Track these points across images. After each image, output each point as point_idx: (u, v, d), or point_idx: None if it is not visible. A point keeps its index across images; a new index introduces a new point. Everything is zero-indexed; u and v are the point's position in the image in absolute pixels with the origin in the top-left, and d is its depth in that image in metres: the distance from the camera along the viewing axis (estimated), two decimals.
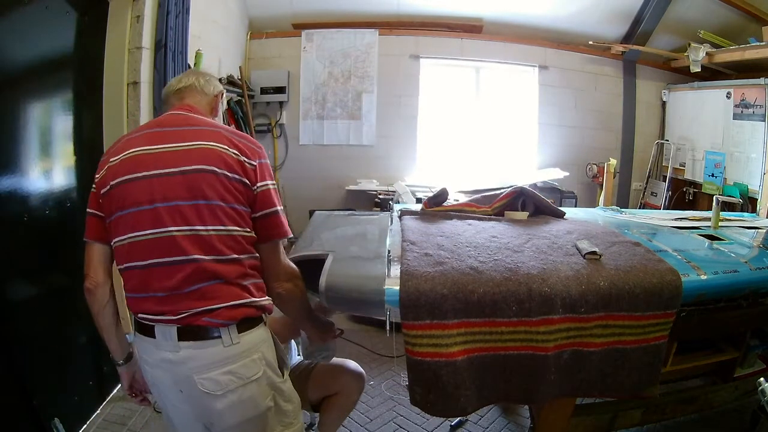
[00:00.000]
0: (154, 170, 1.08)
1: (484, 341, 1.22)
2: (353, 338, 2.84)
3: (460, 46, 4.33)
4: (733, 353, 1.72)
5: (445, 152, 4.50)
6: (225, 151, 1.10)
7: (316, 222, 1.87)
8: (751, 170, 3.57)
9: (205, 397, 1.06)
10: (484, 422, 2.17)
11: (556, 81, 4.43)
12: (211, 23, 3.32)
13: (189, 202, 1.06)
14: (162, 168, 1.07)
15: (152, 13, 2.29)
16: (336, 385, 1.76)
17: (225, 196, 1.08)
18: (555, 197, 3.81)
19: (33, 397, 1.78)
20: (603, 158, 4.24)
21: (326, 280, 1.27)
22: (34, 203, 1.87)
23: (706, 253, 1.65)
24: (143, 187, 1.07)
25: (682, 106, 4.39)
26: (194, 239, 1.05)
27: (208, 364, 1.05)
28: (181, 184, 1.06)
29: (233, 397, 1.07)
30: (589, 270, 1.30)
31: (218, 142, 1.11)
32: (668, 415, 1.67)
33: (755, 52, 3.46)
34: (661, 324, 1.30)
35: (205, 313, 1.04)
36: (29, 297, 1.89)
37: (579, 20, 4.23)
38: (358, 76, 4.28)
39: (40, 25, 1.85)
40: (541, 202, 1.94)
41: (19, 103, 1.81)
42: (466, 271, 1.26)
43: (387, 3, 4.15)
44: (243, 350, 1.08)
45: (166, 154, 1.09)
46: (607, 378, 1.30)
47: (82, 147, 2.17)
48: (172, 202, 1.06)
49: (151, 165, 1.08)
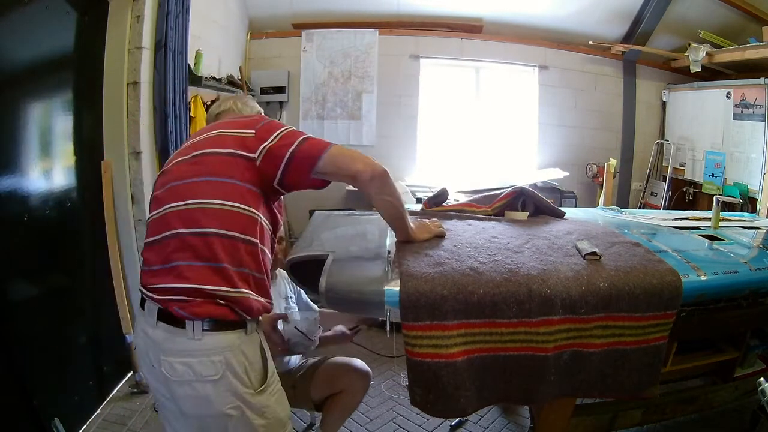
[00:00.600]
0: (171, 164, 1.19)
1: (484, 342, 1.22)
2: (353, 338, 2.84)
3: (460, 46, 4.33)
4: (733, 353, 1.72)
5: (445, 152, 4.49)
6: (225, 133, 1.15)
7: (315, 222, 1.87)
8: (751, 170, 3.57)
9: (166, 379, 1.07)
10: (484, 422, 2.17)
11: (556, 81, 4.43)
12: (211, 23, 3.32)
13: (186, 181, 1.11)
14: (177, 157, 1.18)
15: (152, 13, 2.29)
16: (341, 384, 1.76)
17: (223, 171, 1.10)
18: (555, 197, 3.80)
19: (33, 397, 1.78)
20: (603, 158, 4.24)
21: (326, 281, 1.27)
22: (34, 203, 1.87)
23: (706, 253, 1.65)
24: (163, 180, 1.17)
25: (682, 106, 4.38)
26: (180, 213, 1.08)
27: (173, 349, 1.06)
28: (185, 167, 1.14)
29: (188, 388, 1.06)
30: (589, 271, 1.30)
31: (223, 128, 1.17)
32: (668, 415, 1.67)
33: (755, 52, 3.46)
34: (661, 324, 1.29)
35: (175, 302, 1.05)
36: (29, 297, 1.89)
37: (579, 20, 4.22)
38: (358, 76, 4.28)
39: (40, 25, 1.85)
40: (541, 202, 1.94)
41: (19, 103, 1.81)
42: (466, 272, 1.26)
43: (387, 3, 4.15)
44: (203, 348, 1.06)
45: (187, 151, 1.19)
46: (607, 378, 1.30)
47: (82, 147, 2.18)
48: (174, 182, 1.13)
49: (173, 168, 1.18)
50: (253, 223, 1.11)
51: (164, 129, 2.36)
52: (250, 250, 1.11)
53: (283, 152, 1.12)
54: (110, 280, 2.29)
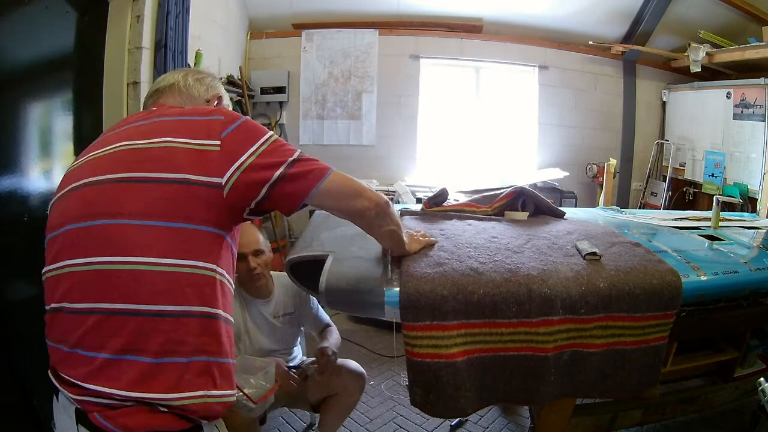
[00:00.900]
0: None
1: (484, 342, 1.22)
2: (353, 338, 2.84)
3: (460, 46, 4.33)
4: (733, 353, 1.72)
5: (445, 152, 4.49)
6: (174, 143, 0.83)
7: (315, 222, 1.87)
8: (751, 170, 3.57)
9: None
10: (484, 422, 2.17)
11: (556, 81, 4.43)
12: (211, 23, 3.31)
13: (114, 221, 0.81)
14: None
15: (152, 13, 2.29)
16: (337, 386, 1.77)
17: (174, 210, 0.79)
18: (555, 197, 3.81)
19: (33, 397, 1.78)
20: (603, 158, 4.23)
21: (326, 281, 1.27)
22: (34, 203, 1.87)
23: (706, 253, 1.65)
24: (69, 207, 0.92)
25: (682, 106, 4.38)
26: (103, 276, 0.78)
27: None
28: (110, 192, 0.85)
29: None
30: (589, 271, 1.30)
31: (170, 134, 0.85)
32: (668, 415, 1.67)
33: (755, 52, 3.45)
34: (661, 325, 1.30)
35: (96, 406, 0.75)
36: (29, 297, 1.88)
37: (579, 20, 4.22)
38: (358, 76, 4.28)
39: (40, 25, 1.85)
40: (541, 202, 1.94)
41: (19, 103, 1.81)
42: (466, 272, 1.26)
43: (387, 3, 4.15)
44: None
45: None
46: (607, 379, 1.30)
47: (82, 147, 2.15)
48: (93, 220, 0.83)
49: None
50: (211, 286, 0.81)
51: None
52: (208, 326, 0.81)
53: (264, 178, 0.82)
54: None
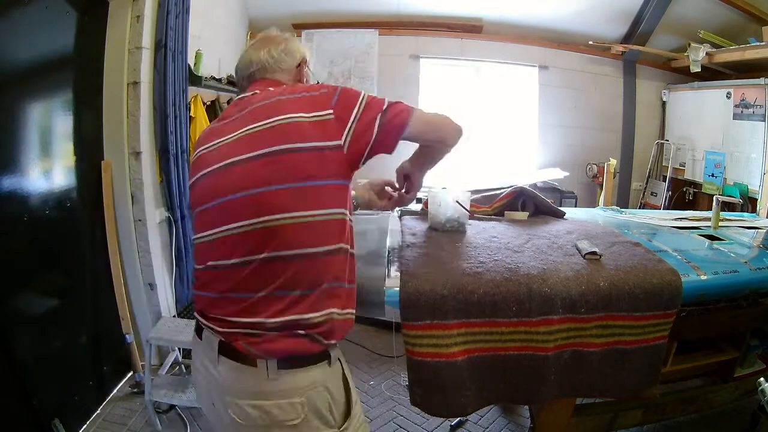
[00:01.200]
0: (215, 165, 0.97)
1: (484, 341, 1.22)
2: (353, 338, 2.84)
3: (460, 46, 4.33)
4: (733, 353, 1.72)
5: None
6: (300, 119, 0.94)
7: None
8: (751, 170, 3.57)
9: (235, 424, 0.92)
10: (484, 422, 2.17)
11: (556, 81, 4.43)
12: (211, 23, 3.31)
13: (260, 189, 0.92)
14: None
15: (152, 13, 2.29)
16: None
17: (310, 172, 0.91)
18: (555, 197, 3.81)
19: (33, 397, 1.78)
20: (603, 158, 4.24)
21: None
22: (34, 203, 1.87)
23: (706, 253, 1.65)
24: (217, 183, 0.98)
25: (682, 106, 4.38)
26: (253, 234, 0.91)
27: (242, 390, 0.91)
28: (254, 168, 0.93)
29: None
30: (589, 270, 1.30)
31: (291, 111, 0.95)
32: (668, 415, 1.67)
33: (755, 52, 3.46)
34: (661, 324, 1.30)
35: (242, 336, 0.89)
36: (29, 297, 1.89)
37: (579, 20, 4.22)
38: (358, 76, 4.28)
39: (40, 25, 1.85)
40: (542, 202, 1.94)
41: (19, 103, 1.81)
42: (467, 272, 1.26)
43: (387, 3, 4.15)
44: (280, 389, 0.89)
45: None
46: (607, 378, 1.30)
47: (82, 147, 2.17)
48: (242, 192, 0.94)
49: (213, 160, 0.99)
50: (342, 227, 0.95)
51: (164, 129, 2.36)
52: (343, 259, 0.95)
53: (371, 129, 0.96)
54: (110, 280, 2.28)
